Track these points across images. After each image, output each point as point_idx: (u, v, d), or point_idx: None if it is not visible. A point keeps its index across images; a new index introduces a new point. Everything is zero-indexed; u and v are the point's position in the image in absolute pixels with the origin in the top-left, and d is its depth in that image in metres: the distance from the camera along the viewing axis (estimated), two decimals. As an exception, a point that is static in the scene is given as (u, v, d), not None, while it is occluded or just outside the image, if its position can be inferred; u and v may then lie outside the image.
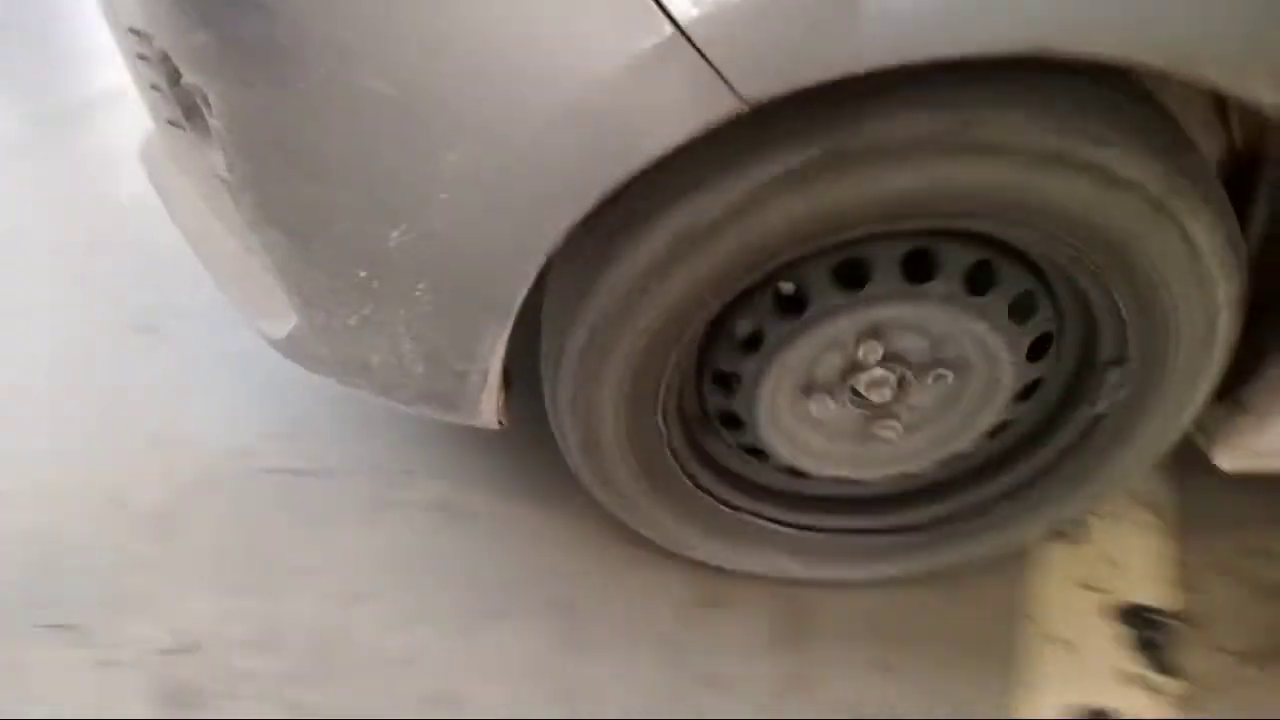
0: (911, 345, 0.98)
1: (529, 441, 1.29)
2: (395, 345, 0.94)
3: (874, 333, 0.96)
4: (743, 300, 0.93)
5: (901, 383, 1.01)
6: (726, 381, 1.01)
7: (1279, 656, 1.19)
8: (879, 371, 0.99)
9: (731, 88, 0.70)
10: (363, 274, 0.87)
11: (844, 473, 1.11)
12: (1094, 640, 1.21)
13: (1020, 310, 0.96)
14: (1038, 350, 1.01)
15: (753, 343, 0.96)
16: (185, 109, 0.95)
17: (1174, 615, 1.24)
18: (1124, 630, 1.23)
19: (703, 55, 0.69)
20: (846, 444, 1.07)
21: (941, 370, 1.00)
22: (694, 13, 0.67)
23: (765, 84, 0.70)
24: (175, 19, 0.77)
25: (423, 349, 0.93)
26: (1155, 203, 0.82)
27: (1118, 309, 0.94)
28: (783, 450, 1.06)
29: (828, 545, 1.18)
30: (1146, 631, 1.23)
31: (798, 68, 0.70)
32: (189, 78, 0.82)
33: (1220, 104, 0.97)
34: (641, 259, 0.83)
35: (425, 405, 1.00)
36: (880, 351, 0.97)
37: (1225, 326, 0.95)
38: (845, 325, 0.94)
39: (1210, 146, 0.98)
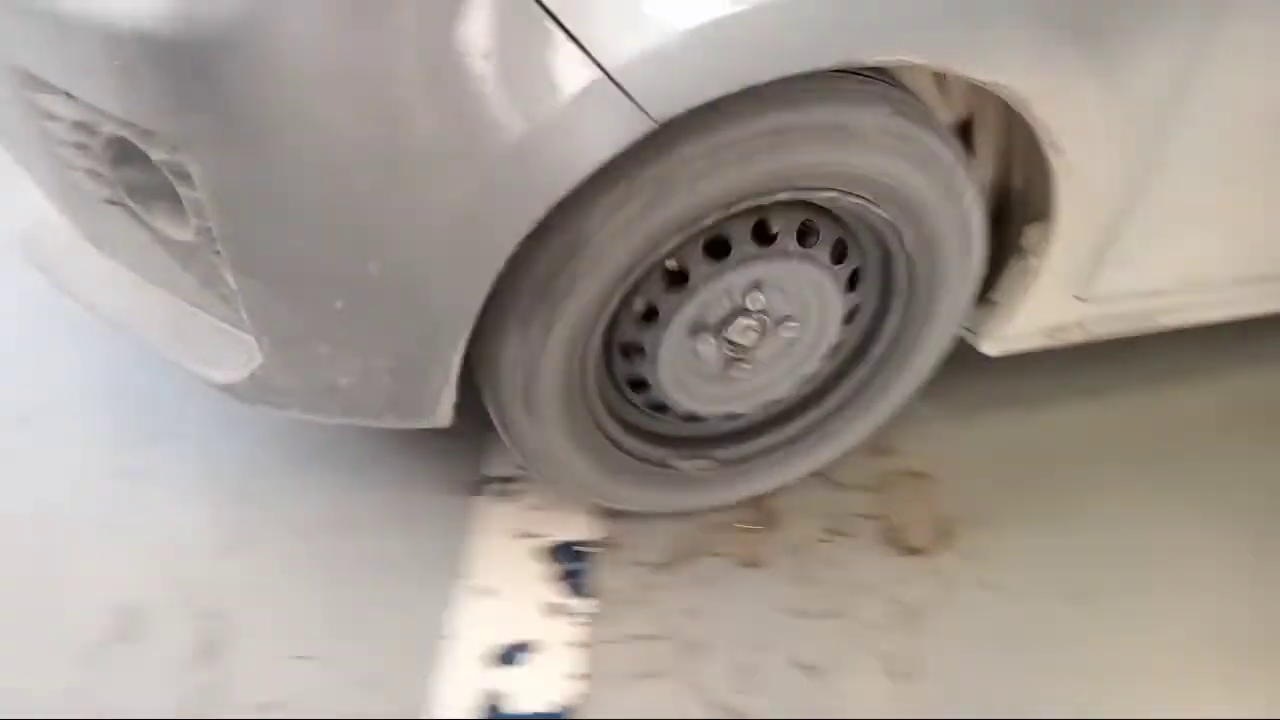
0: (773, 301, 1.25)
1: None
2: (365, 364, 1.09)
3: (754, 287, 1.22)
4: (638, 286, 1.17)
5: (763, 328, 1.28)
6: (630, 352, 1.25)
7: (682, 561, 1.42)
8: (748, 320, 1.25)
9: (646, 113, 0.93)
10: (339, 305, 1.02)
11: (730, 409, 1.37)
12: (523, 583, 1.36)
13: (837, 254, 1.27)
14: (852, 283, 1.33)
15: (650, 314, 1.20)
16: (128, 187, 1.04)
17: (596, 544, 1.42)
18: (550, 568, 1.38)
19: (624, 91, 0.91)
20: (725, 385, 1.33)
21: (792, 321, 1.28)
22: (618, 61, 0.90)
23: (670, 107, 0.94)
24: (169, 105, 0.89)
25: (391, 363, 1.09)
26: (922, 153, 1.15)
27: (902, 241, 1.26)
28: (682, 400, 1.30)
29: (725, 474, 1.44)
30: (570, 564, 1.39)
31: (692, 93, 0.94)
32: (168, 156, 0.94)
33: (941, 85, 1.33)
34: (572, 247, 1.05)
35: (389, 414, 1.15)
36: (762, 301, 1.23)
37: (978, 235, 1.29)
38: (720, 287, 1.19)
39: (941, 114, 1.33)
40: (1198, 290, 1.56)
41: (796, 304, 1.27)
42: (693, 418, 1.38)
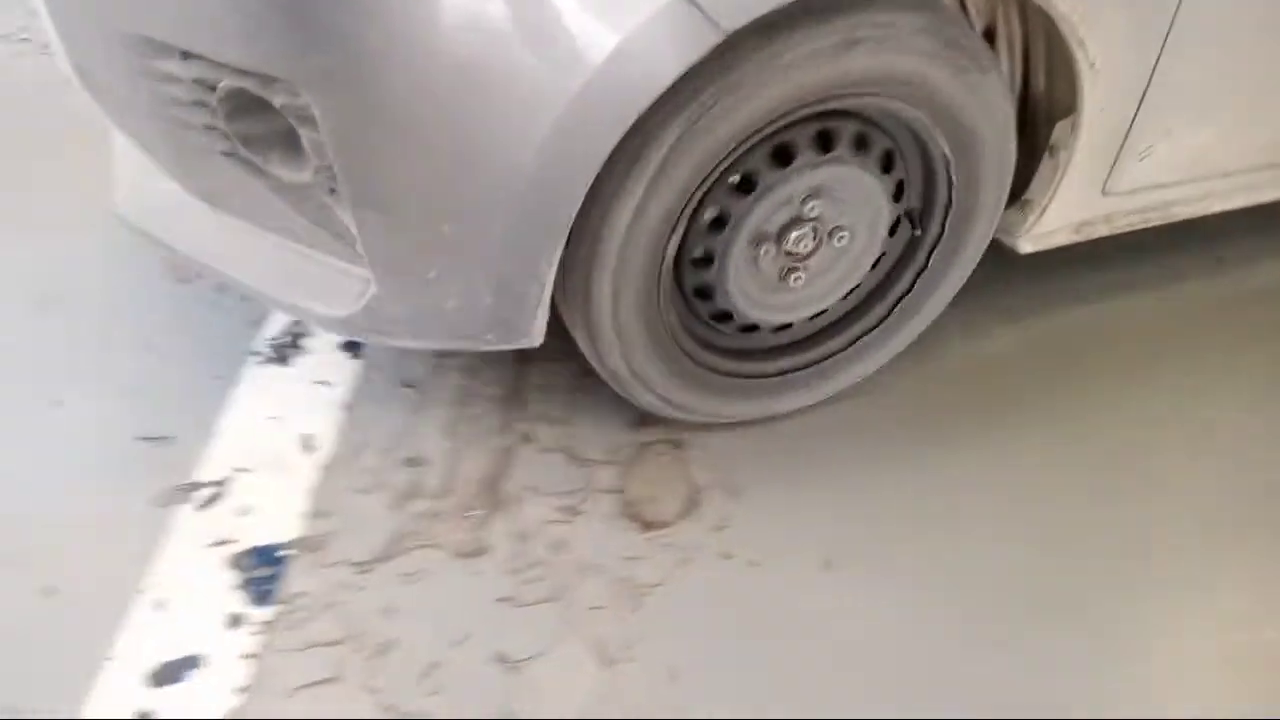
0: (827, 211, 1.36)
1: None
2: (469, 285, 1.19)
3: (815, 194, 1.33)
4: (707, 196, 1.27)
5: (816, 236, 1.39)
6: (699, 263, 1.35)
7: (392, 557, 1.34)
8: (803, 229, 1.36)
9: (716, 25, 1.03)
10: (447, 229, 1.12)
11: (783, 318, 1.47)
12: (206, 594, 1.28)
13: (886, 164, 1.38)
14: (897, 195, 1.43)
15: (719, 223, 1.30)
16: (245, 137, 1.15)
17: (296, 545, 1.34)
18: (237, 575, 1.30)
19: (697, 6, 1.01)
20: (784, 294, 1.43)
21: (843, 230, 1.39)
22: (691, -24, 1.00)
23: (737, 18, 1.04)
24: (295, 50, 0.99)
25: (493, 282, 1.19)
26: (961, 59, 1.25)
27: (945, 151, 1.36)
28: (744, 308, 1.40)
29: (781, 384, 1.55)
30: (260, 570, 1.30)
31: (756, 4, 1.04)
32: (290, 100, 1.04)
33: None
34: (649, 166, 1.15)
35: (490, 335, 1.25)
36: (817, 210, 1.33)
37: (1011, 135, 1.39)
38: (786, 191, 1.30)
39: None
40: (1212, 179, 1.66)
41: (848, 211, 1.37)
42: (749, 328, 1.48)
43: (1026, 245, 1.60)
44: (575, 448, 1.53)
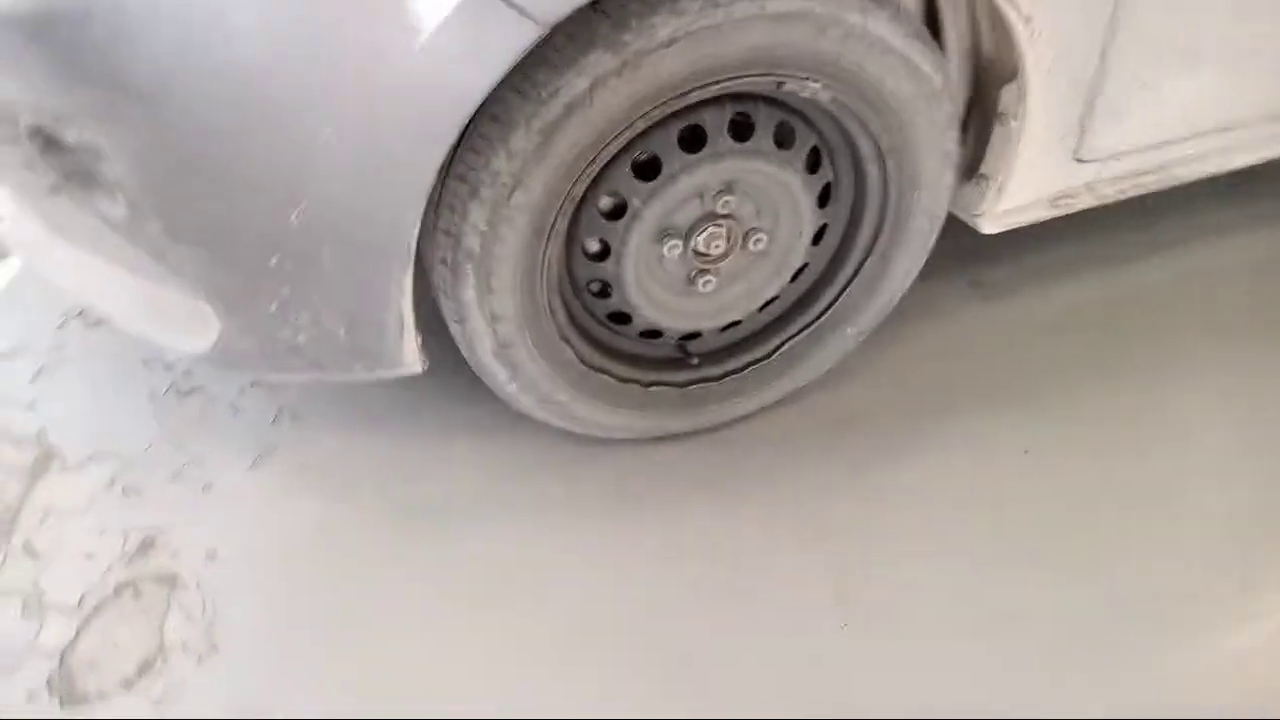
0: (744, 210, 1.21)
1: None
2: (316, 317, 1.09)
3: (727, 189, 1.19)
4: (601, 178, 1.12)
5: (730, 238, 1.24)
6: (594, 256, 1.21)
7: None
8: (715, 227, 1.21)
9: (530, 17, 0.90)
10: (274, 261, 1.03)
11: (691, 325, 1.33)
12: None
13: (811, 164, 1.23)
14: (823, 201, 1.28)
15: (618, 211, 1.16)
16: (64, 173, 1.07)
17: None
18: None
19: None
20: (692, 300, 1.29)
21: (760, 234, 1.24)
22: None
23: (554, 7, 0.91)
24: (57, 82, 0.90)
25: (341, 311, 1.09)
26: (884, 43, 1.08)
27: (875, 141, 1.20)
28: (644, 308, 1.27)
29: (694, 396, 1.40)
30: None
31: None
32: (80, 137, 0.95)
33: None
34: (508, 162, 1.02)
35: (357, 366, 1.16)
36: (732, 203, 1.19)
37: (951, 115, 1.22)
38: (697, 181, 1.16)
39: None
40: (1208, 136, 1.44)
41: (768, 211, 1.23)
42: (651, 333, 1.35)
43: (990, 225, 1.42)
44: (41, 591, 1.23)
